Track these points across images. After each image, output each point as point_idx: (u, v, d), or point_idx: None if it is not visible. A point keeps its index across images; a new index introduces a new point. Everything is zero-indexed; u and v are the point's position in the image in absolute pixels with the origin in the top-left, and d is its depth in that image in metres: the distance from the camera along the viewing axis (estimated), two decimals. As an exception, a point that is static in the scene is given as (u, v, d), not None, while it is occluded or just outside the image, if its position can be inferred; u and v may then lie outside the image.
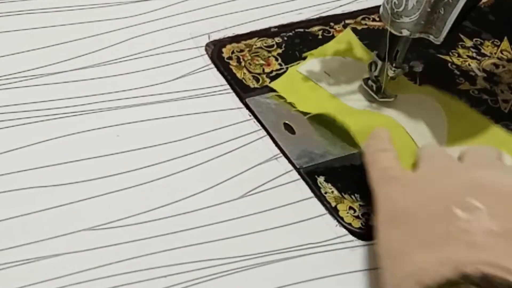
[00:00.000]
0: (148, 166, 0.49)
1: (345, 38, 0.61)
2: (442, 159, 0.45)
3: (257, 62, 0.59)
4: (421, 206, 0.42)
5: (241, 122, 0.54)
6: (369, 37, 0.62)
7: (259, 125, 0.54)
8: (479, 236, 0.39)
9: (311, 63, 0.58)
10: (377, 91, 0.55)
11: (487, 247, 0.38)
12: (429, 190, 0.42)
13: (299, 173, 0.51)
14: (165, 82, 0.56)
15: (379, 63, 0.54)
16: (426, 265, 0.39)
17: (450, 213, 0.40)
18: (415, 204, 0.42)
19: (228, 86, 0.56)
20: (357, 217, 0.49)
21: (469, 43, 0.63)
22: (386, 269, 0.42)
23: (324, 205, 0.49)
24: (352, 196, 0.50)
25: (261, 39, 0.61)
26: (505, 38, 0.64)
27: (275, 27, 0.62)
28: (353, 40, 0.60)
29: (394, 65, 0.53)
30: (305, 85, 0.57)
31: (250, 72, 0.58)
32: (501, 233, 0.39)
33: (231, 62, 0.58)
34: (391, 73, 0.53)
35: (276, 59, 0.59)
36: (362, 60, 0.59)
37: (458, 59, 0.61)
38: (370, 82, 0.56)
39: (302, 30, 0.62)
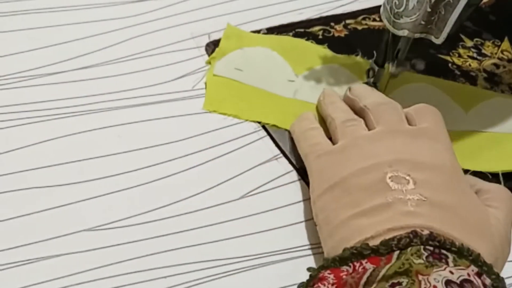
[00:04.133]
0: (149, 166, 0.49)
1: (230, 32, 0.60)
2: (360, 125, 0.47)
3: (257, 62, 0.58)
4: (354, 175, 0.44)
5: (241, 122, 0.53)
6: (369, 37, 0.62)
7: (259, 125, 0.54)
8: (413, 205, 0.41)
9: (220, 65, 0.57)
10: None
11: (423, 214, 0.41)
12: (361, 161, 0.44)
13: (299, 174, 0.51)
14: (166, 82, 0.56)
15: (377, 69, 0.54)
16: (366, 228, 0.41)
17: (382, 183, 0.42)
18: (348, 174, 0.44)
19: (228, 86, 0.56)
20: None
21: (469, 43, 0.63)
22: (324, 237, 0.43)
23: (324, 205, 0.49)
24: (353, 197, 0.50)
25: (262, 39, 0.61)
26: (506, 38, 0.64)
27: (275, 27, 0.62)
28: (238, 32, 0.60)
29: (395, 63, 0.53)
30: (230, 88, 0.56)
31: (250, 72, 0.58)
32: (431, 202, 0.41)
33: (231, 62, 0.58)
34: (392, 70, 0.53)
35: (277, 59, 0.59)
36: (259, 46, 0.59)
37: (459, 59, 0.61)
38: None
39: (302, 30, 0.62)
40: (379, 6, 0.51)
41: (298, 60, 0.58)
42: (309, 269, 0.40)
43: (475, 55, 0.62)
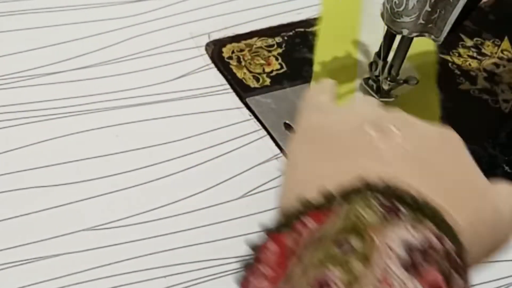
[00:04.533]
0: (148, 166, 0.49)
1: None
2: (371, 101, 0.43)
3: (257, 62, 0.59)
4: (335, 123, 0.39)
5: (241, 122, 0.53)
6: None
7: (259, 125, 0.54)
8: (388, 154, 0.36)
9: None
10: (378, 90, 0.55)
11: (394, 164, 0.35)
12: (347, 112, 0.40)
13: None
14: (165, 82, 0.56)
15: (380, 62, 0.54)
16: (326, 173, 0.35)
17: (362, 130, 0.37)
18: (329, 121, 0.39)
19: (228, 86, 0.56)
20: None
21: (469, 42, 0.63)
22: (285, 178, 0.38)
23: (324, 205, 0.49)
24: (353, 196, 0.50)
25: (261, 38, 0.61)
26: (506, 37, 0.64)
27: (275, 26, 0.62)
28: None
29: (389, 79, 0.53)
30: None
31: (250, 71, 0.58)
32: (410, 157, 0.36)
33: (231, 61, 0.58)
34: (386, 86, 0.54)
35: (276, 59, 0.59)
36: None
37: (459, 59, 0.61)
38: (370, 81, 0.56)
39: (302, 30, 0.62)
40: (379, 6, 0.51)
41: None
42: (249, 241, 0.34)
43: (475, 54, 0.62)
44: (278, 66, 0.58)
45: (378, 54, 0.54)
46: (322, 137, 0.38)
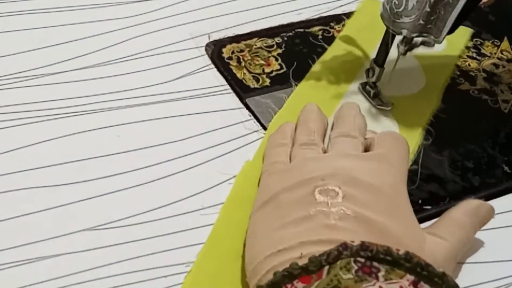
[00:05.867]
0: (148, 166, 0.49)
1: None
2: (313, 149, 0.47)
3: (257, 62, 0.59)
4: (286, 190, 0.43)
5: (241, 122, 0.54)
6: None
7: (259, 125, 0.54)
8: (335, 218, 0.40)
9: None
10: (374, 97, 0.55)
11: (345, 229, 0.40)
12: (296, 177, 0.44)
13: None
14: (165, 82, 0.56)
15: (377, 69, 0.54)
16: (283, 240, 0.40)
17: (309, 197, 0.42)
18: (281, 189, 0.43)
19: (228, 86, 0.56)
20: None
21: (469, 43, 0.63)
22: (246, 249, 0.42)
23: (324, 205, 0.49)
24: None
25: (261, 39, 0.61)
26: (505, 38, 0.64)
27: (275, 27, 0.62)
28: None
29: (404, 40, 0.53)
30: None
31: (250, 72, 0.58)
32: (356, 218, 0.40)
33: (231, 62, 0.58)
34: (402, 50, 0.53)
35: (276, 59, 0.59)
36: None
37: (458, 59, 0.61)
38: (367, 87, 0.56)
39: (302, 30, 0.62)
40: (379, 6, 0.51)
41: None
42: None
43: (474, 55, 0.62)
44: (278, 67, 0.59)
45: (375, 60, 0.54)
46: (275, 206, 0.43)
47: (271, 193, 0.44)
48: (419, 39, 0.52)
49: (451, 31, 0.49)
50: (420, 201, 0.49)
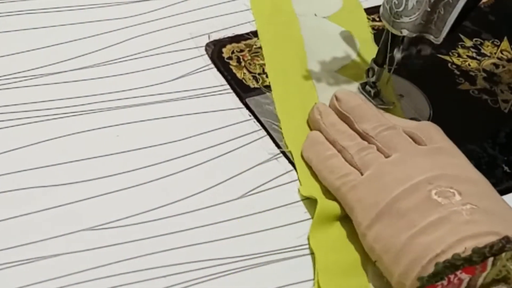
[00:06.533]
0: (148, 166, 0.49)
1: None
2: (376, 156, 0.47)
3: (257, 62, 0.59)
4: (398, 199, 0.43)
5: (241, 122, 0.54)
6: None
7: (259, 125, 0.54)
8: (468, 214, 0.41)
9: None
10: (375, 96, 0.55)
11: (481, 221, 0.41)
12: (396, 185, 0.44)
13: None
14: (165, 82, 0.56)
15: (377, 69, 0.54)
16: (432, 244, 0.40)
17: (431, 200, 0.42)
18: (392, 199, 0.44)
19: (228, 86, 0.56)
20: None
21: (469, 43, 0.63)
22: (387, 266, 0.42)
23: (324, 205, 0.49)
24: (352, 196, 0.50)
25: (261, 39, 0.61)
26: (505, 38, 0.64)
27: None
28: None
29: (402, 47, 0.53)
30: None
31: (250, 72, 0.58)
32: (483, 210, 0.42)
33: (231, 62, 0.58)
34: (399, 55, 0.53)
35: (276, 59, 0.59)
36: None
37: (458, 59, 0.61)
38: (367, 87, 0.56)
39: (302, 30, 0.62)
40: (379, 6, 0.51)
41: (343, 19, 0.62)
42: None
43: (474, 55, 0.62)
44: (278, 67, 0.58)
45: (375, 60, 0.54)
46: (396, 216, 0.43)
47: (380, 205, 0.44)
48: (428, 50, 0.53)
49: (451, 31, 0.49)
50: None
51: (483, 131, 0.55)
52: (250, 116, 0.54)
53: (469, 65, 0.61)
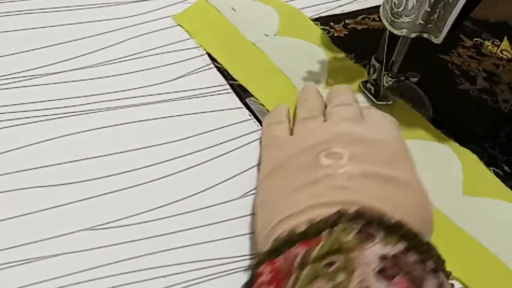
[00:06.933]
0: (148, 166, 0.49)
1: None
2: (315, 120, 0.48)
3: (256, 62, 0.58)
4: (292, 157, 0.44)
5: (241, 122, 0.54)
6: (369, 37, 0.62)
7: (259, 125, 0.54)
8: (341, 179, 0.41)
9: None
10: (376, 94, 0.55)
11: (351, 188, 0.41)
12: (300, 144, 0.45)
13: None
14: (165, 82, 0.56)
15: (378, 66, 0.54)
16: (292, 204, 0.41)
17: (315, 161, 0.43)
18: (287, 157, 0.45)
19: (228, 86, 0.56)
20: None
21: (469, 43, 0.63)
22: (258, 218, 0.44)
23: (324, 204, 0.49)
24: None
25: (261, 39, 0.61)
26: (505, 38, 0.64)
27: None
28: None
29: (390, 75, 0.53)
30: (209, 15, 0.60)
31: (249, 72, 0.58)
32: (364, 175, 0.42)
33: (230, 62, 0.58)
34: (387, 83, 0.54)
35: (276, 59, 0.59)
36: (269, 5, 0.62)
37: (458, 59, 0.61)
38: (368, 85, 0.56)
39: (302, 30, 0.62)
40: (379, 6, 0.51)
41: (289, 28, 0.60)
42: (249, 266, 0.41)
43: (474, 55, 0.62)
44: (278, 66, 0.58)
45: (376, 58, 0.54)
46: (283, 174, 0.44)
47: (276, 162, 0.45)
48: (416, 77, 0.53)
49: (451, 31, 0.49)
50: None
51: (483, 131, 0.55)
52: (250, 116, 0.54)
53: (469, 65, 0.61)
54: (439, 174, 0.50)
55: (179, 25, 0.60)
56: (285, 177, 0.44)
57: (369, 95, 0.55)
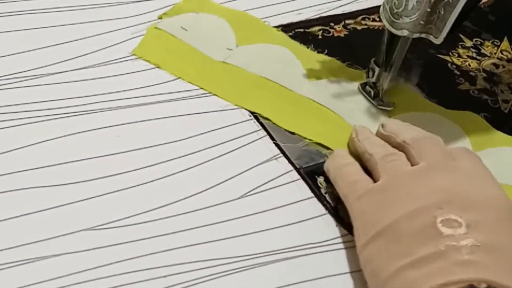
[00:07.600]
0: (148, 166, 0.49)
1: None
2: (400, 164, 0.44)
3: (256, 62, 0.58)
4: (402, 221, 0.41)
5: (241, 122, 0.54)
6: (369, 38, 0.62)
7: (259, 125, 0.54)
8: (467, 253, 0.38)
9: (168, 21, 0.60)
10: (375, 97, 0.55)
11: (477, 263, 0.38)
12: (404, 203, 0.41)
13: (299, 173, 0.51)
14: (165, 82, 0.56)
15: (377, 69, 0.54)
16: (418, 281, 0.38)
17: (433, 229, 0.40)
18: (395, 219, 0.41)
19: (228, 86, 0.56)
20: (357, 217, 0.48)
21: (469, 43, 0.63)
22: (370, 280, 0.41)
23: (324, 205, 0.49)
24: (352, 196, 0.50)
25: (261, 39, 0.61)
26: (505, 38, 0.64)
27: (275, 27, 0.62)
28: None
29: (389, 78, 0.53)
30: (166, 41, 0.58)
31: (249, 72, 0.57)
32: (485, 247, 0.39)
33: (230, 62, 0.58)
34: (386, 85, 0.54)
35: (276, 59, 0.59)
36: (216, 14, 0.61)
37: (458, 59, 0.61)
38: (368, 87, 0.56)
39: (302, 30, 0.62)
40: (379, 6, 0.51)
41: (246, 35, 0.59)
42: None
43: (474, 55, 0.62)
44: (278, 67, 0.58)
45: (375, 61, 0.54)
46: (394, 239, 0.40)
47: (382, 223, 0.41)
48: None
49: (451, 31, 0.49)
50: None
51: (483, 131, 0.55)
52: (250, 116, 0.54)
53: (469, 65, 0.61)
54: None
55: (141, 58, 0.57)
56: (398, 245, 0.40)
57: (368, 97, 0.55)
